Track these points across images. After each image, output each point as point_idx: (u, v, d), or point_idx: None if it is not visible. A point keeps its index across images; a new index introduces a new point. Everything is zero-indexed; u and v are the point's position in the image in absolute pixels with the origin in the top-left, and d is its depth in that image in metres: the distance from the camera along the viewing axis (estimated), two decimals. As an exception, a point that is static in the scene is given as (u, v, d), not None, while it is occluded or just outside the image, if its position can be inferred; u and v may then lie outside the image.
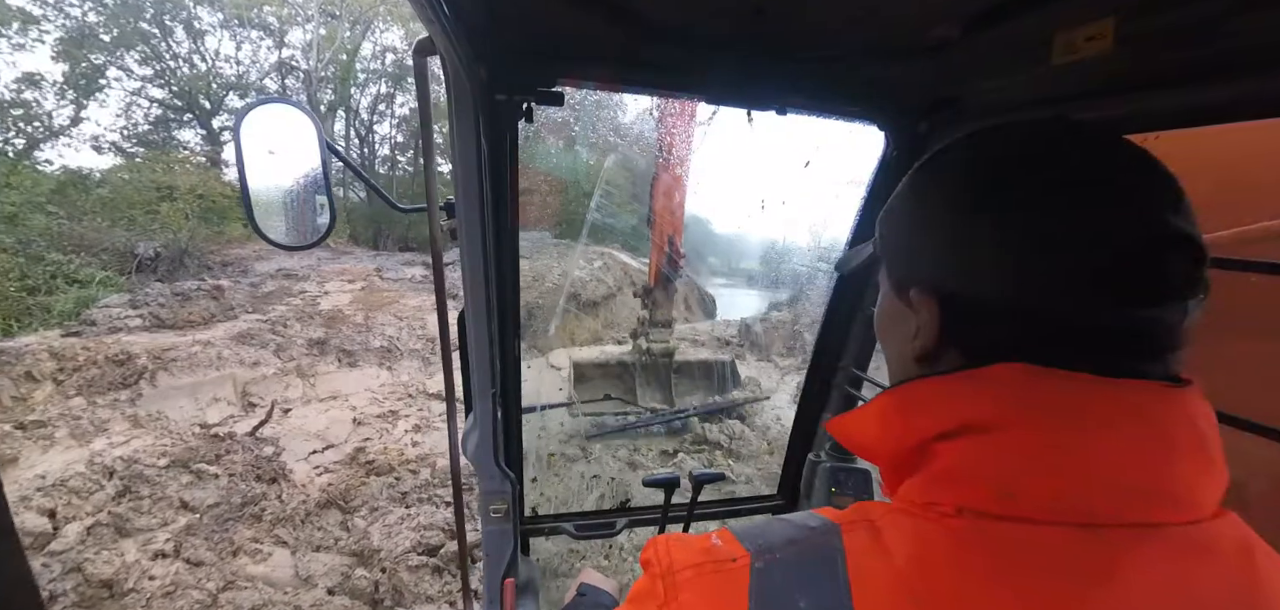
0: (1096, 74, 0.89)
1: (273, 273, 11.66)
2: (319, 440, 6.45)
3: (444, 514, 5.12)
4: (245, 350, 8.30)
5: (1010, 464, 0.44)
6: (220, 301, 9.80)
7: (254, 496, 5.22)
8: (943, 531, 0.45)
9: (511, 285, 1.34)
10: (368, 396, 7.72)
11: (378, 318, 10.07)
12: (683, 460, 6.63)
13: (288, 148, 1.06)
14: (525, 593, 1.59)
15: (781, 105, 1.21)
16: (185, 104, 17.34)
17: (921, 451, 0.50)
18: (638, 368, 7.52)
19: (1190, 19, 0.74)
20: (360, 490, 5.48)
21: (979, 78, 1.10)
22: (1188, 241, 0.45)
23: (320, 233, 1.17)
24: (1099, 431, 0.43)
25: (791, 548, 0.49)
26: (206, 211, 13.28)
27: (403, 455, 6.21)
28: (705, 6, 0.90)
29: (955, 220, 0.52)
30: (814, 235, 15.17)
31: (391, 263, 13.37)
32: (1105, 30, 0.77)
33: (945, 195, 0.55)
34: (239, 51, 18.88)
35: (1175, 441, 0.44)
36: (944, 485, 0.47)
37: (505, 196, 1.18)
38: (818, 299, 13.53)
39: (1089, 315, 0.46)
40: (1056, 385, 0.45)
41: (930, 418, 0.50)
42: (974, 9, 0.85)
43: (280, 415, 7.04)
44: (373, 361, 8.82)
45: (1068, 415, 0.44)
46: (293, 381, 7.91)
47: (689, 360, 8.12)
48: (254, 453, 5.96)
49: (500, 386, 1.38)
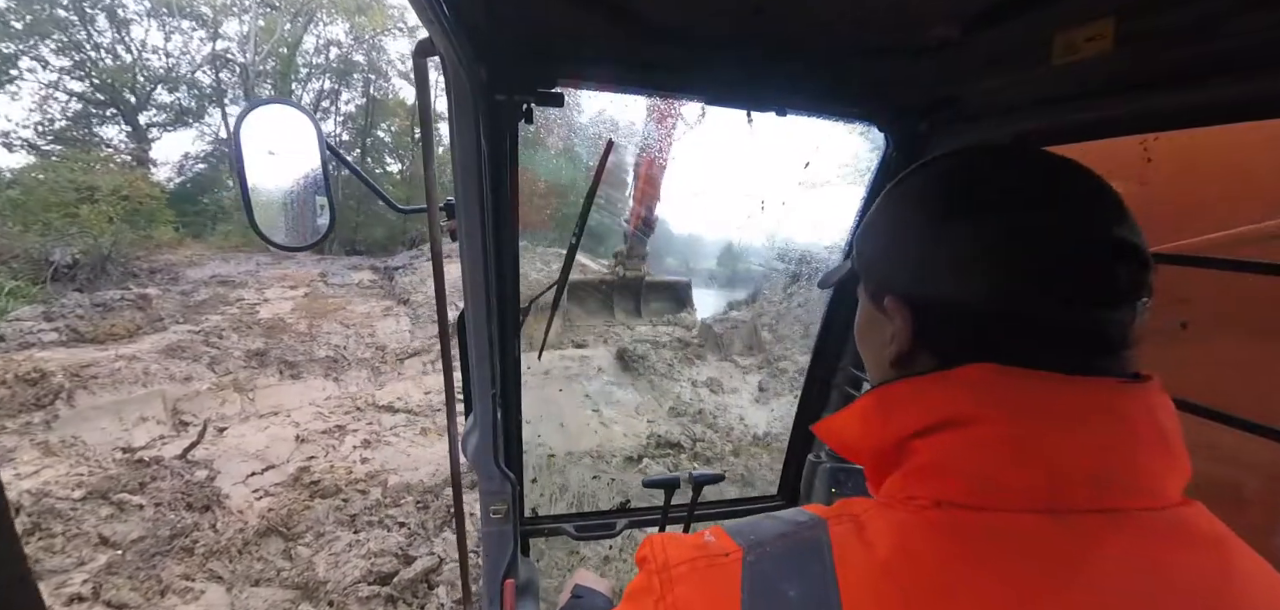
0: (1096, 74, 0.89)
1: (206, 279, 10.96)
2: (258, 461, 6.02)
3: (397, 537, 4.82)
4: (176, 364, 7.74)
5: (984, 457, 0.47)
6: (147, 312, 9.13)
7: (184, 527, 4.79)
8: (922, 522, 0.47)
9: (511, 285, 1.33)
10: (312, 411, 7.28)
11: (323, 326, 9.56)
12: (682, 462, 6.85)
13: (287, 148, 1.07)
14: (525, 593, 1.60)
15: (781, 105, 1.21)
16: (108, 98, 16.27)
17: (901, 449, 0.53)
18: (615, 287, 9.60)
19: (1190, 19, 0.75)
20: (304, 515, 5.11)
21: (979, 78, 1.10)
22: (1133, 250, 0.49)
23: (320, 233, 1.18)
24: (1066, 424, 0.46)
25: (781, 541, 0.51)
26: (132, 214, 12.45)
27: (351, 474, 5.85)
28: (705, 7, 0.90)
29: (924, 233, 0.56)
30: (769, 235, 15.37)
31: (337, 267, 12.76)
32: (1105, 30, 0.77)
33: (915, 210, 0.59)
34: (168, 42, 17.84)
35: (1138, 433, 0.48)
36: (922, 479, 0.50)
37: (505, 197, 1.17)
38: (776, 297, 13.64)
39: (1047, 316, 0.49)
40: (1024, 382, 0.48)
41: (908, 416, 0.53)
42: (974, 9, 0.85)
43: (215, 434, 6.56)
44: (318, 373, 8.35)
45: (1036, 410, 0.47)
46: (229, 397, 7.40)
47: (654, 281, 10.01)
48: (184, 478, 5.50)
49: (500, 387, 1.38)
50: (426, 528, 5.05)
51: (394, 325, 10.13)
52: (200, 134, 19.09)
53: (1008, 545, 0.44)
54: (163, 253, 12.53)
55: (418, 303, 10.91)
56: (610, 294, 9.49)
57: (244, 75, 18.58)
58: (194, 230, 15.45)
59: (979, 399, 0.49)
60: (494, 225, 1.16)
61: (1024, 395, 0.48)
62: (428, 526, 5.09)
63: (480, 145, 1.01)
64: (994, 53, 0.97)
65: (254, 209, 1.08)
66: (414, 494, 5.52)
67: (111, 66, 16.39)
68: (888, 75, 1.14)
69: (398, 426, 7.07)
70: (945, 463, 0.49)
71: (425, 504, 5.39)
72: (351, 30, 20.85)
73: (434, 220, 1.16)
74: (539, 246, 11.76)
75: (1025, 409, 0.47)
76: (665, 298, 9.93)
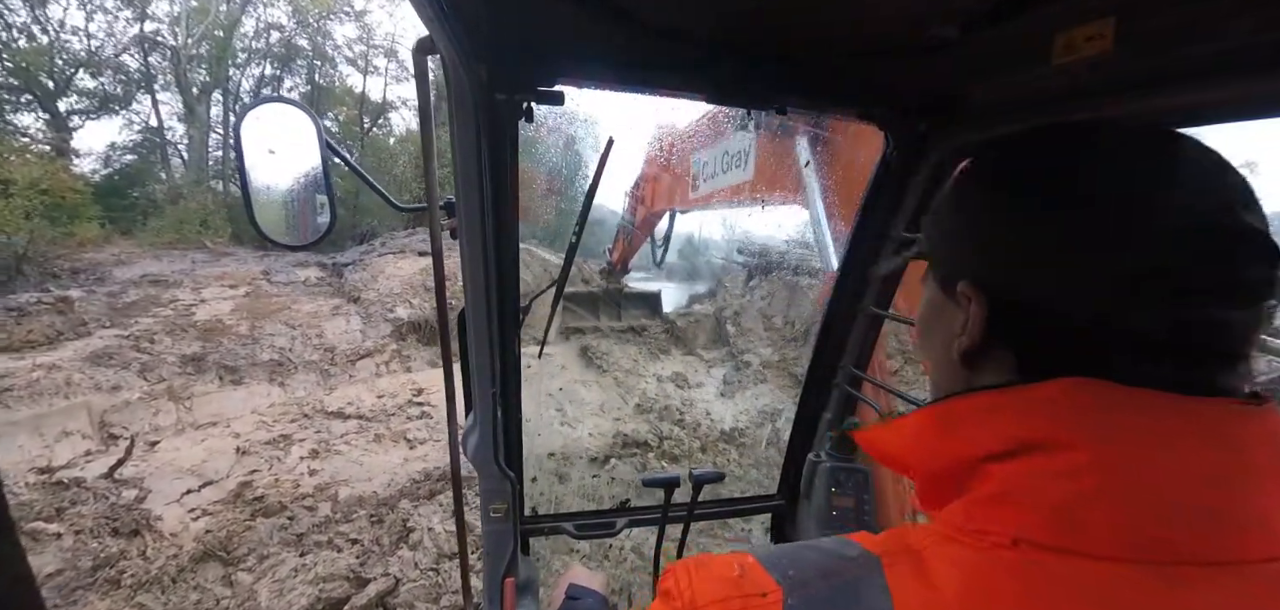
0: (1096, 74, 0.87)
1: (136, 279, 10.20)
2: (194, 476, 5.57)
3: (348, 558, 4.52)
4: (102, 373, 7.14)
5: (1070, 491, 0.40)
6: (69, 316, 8.40)
7: (109, 556, 4.37)
8: (997, 565, 0.41)
9: (512, 285, 1.33)
10: (254, 420, 6.83)
11: (266, 327, 9.00)
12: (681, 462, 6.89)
13: (288, 147, 1.08)
14: (525, 592, 1.62)
15: (781, 105, 1.20)
16: (22, 83, 14.98)
17: (969, 471, 0.46)
18: (601, 297, 11.17)
19: (1190, 19, 0.74)
20: (245, 535, 4.75)
21: (979, 78, 1.09)
22: (1262, 240, 0.42)
23: (320, 231, 1.19)
24: (1169, 455, 0.40)
25: (827, 582, 0.45)
26: (52, 209, 11.49)
27: (298, 488, 5.48)
28: (706, 6, 0.90)
29: (1009, 212, 0.50)
30: (728, 227, 15.42)
31: (281, 264, 12.02)
32: (1105, 30, 0.77)
33: (999, 188, 0.53)
34: (90, 23, 16.57)
35: (1255, 465, 0.40)
36: (996, 510, 0.43)
37: (505, 196, 1.17)
38: (737, 291, 13.64)
39: (1152, 315, 0.42)
40: (1121, 402, 0.41)
41: (978, 436, 0.47)
42: (974, 9, 0.84)
43: (145, 449, 6.06)
44: (261, 377, 7.85)
45: (1135, 437, 0.40)
46: (163, 406, 6.87)
47: (631, 292, 11.56)
48: (110, 500, 5.03)
49: (500, 386, 1.38)
50: (381, 544, 4.76)
51: (344, 325, 9.64)
52: (128, 122, 17.93)
53: (1097, 601, 0.38)
54: (87, 251, 11.62)
55: (369, 300, 10.42)
56: (596, 302, 11.22)
57: (175, 59, 17.46)
58: (123, 226, 14.40)
59: (1066, 421, 0.42)
60: (494, 224, 1.16)
61: (1122, 418, 0.41)
62: (383, 543, 4.79)
63: (480, 144, 1.01)
64: (994, 53, 0.97)
65: (255, 208, 1.10)
66: (367, 508, 5.20)
67: (26, 49, 15.17)
68: (887, 75, 1.14)
69: (349, 434, 6.69)
70: (1023, 494, 0.42)
71: (380, 518, 5.09)
72: (295, 13, 19.88)
73: (434, 219, 1.15)
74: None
75: (1123, 435, 0.41)
76: (641, 306, 11.61)
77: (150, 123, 18.05)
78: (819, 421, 1.81)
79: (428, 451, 6.39)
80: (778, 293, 12.39)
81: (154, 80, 17.80)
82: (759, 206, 4.62)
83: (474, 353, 1.31)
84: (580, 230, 1.56)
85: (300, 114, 1.08)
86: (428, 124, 1.08)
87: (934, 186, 1.36)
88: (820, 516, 1.72)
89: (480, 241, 1.13)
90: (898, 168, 1.38)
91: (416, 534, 4.87)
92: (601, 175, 1.43)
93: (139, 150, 18.12)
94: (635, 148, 8.35)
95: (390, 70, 22.38)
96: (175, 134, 18.90)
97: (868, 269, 1.54)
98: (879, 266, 1.51)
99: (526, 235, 14.46)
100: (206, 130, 18.74)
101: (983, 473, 0.45)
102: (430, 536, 4.85)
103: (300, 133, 1.07)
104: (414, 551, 4.68)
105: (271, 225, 1.15)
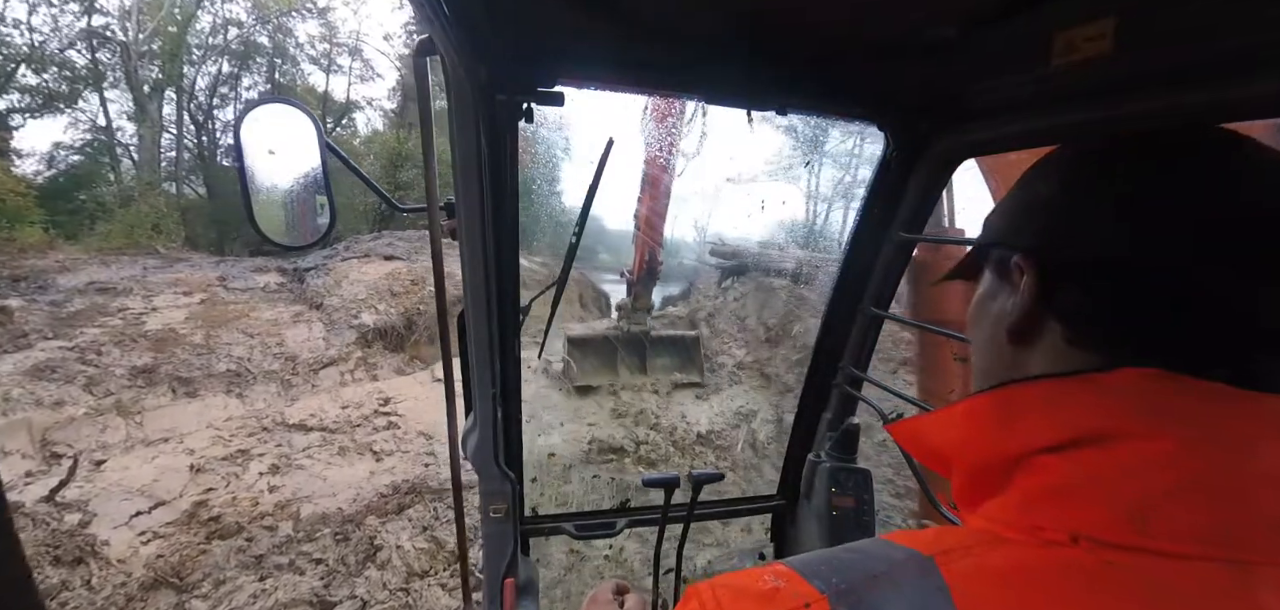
0: (1096, 74, 0.87)
1: (82, 287, 9.67)
2: (144, 497, 5.27)
3: (312, 580, 4.30)
4: (45, 387, 6.73)
5: (1140, 483, 0.38)
6: (8, 326, 7.92)
7: (49, 588, 4.08)
8: (1055, 563, 0.39)
9: (512, 285, 1.34)
10: (210, 434, 6.51)
11: (222, 336, 8.61)
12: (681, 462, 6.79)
13: (288, 148, 1.08)
14: (525, 592, 1.63)
15: (781, 105, 1.21)
16: (-43, 80, 14.13)
17: (1019, 465, 0.44)
18: (620, 341, 8.92)
19: (1190, 19, 0.74)
20: (200, 560, 4.49)
21: (979, 78, 1.10)
22: None
23: (320, 232, 1.20)
24: (1246, 450, 0.38)
25: (877, 586, 0.41)
26: (-11, 213, 10.87)
27: (257, 506, 5.22)
28: (705, 6, 0.91)
29: (1070, 185, 0.50)
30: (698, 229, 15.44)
31: (239, 269, 11.55)
32: (1105, 30, 0.77)
33: (1059, 168, 0.53)
34: (33, 16, 15.70)
35: None
36: (1051, 506, 0.41)
37: (505, 197, 1.18)
38: (709, 292, 13.63)
39: (1216, 287, 0.40)
40: (1192, 394, 0.39)
41: (1038, 426, 0.44)
42: (974, 9, 0.85)
43: (91, 468, 5.71)
44: (217, 389, 7.50)
45: (1207, 429, 0.38)
46: (110, 422, 6.50)
47: (660, 336, 9.36)
48: (51, 526, 4.71)
49: (500, 387, 1.38)
50: (347, 564, 4.55)
51: (306, 333, 9.29)
52: (74, 121, 17.01)
53: (1170, 600, 0.36)
54: (29, 257, 10.99)
55: (333, 306, 10.08)
56: (614, 350, 8.88)
57: (125, 55, 16.70)
58: (68, 231, 13.71)
59: (1134, 411, 0.40)
60: (494, 225, 1.16)
61: (1193, 409, 0.39)
62: (349, 562, 4.58)
63: (480, 145, 1.02)
64: (994, 53, 0.97)
65: (254, 209, 1.10)
66: (331, 525, 4.98)
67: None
68: (887, 75, 1.14)
69: (311, 447, 6.43)
70: (1086, 487, 0.40)
71: (345, 535, 4.87)
72: (254, 8, 19.20)
73: (434, 220, 1.15)
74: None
75: (1194, 427, 0.39)
76: (673, 352, 9.26)
77: (98, 122, 17.23)
78: (819, 421, 1.82)
79: (395, 464, 6.18)
80: (752, 294, 12.41)
81: (103, 77, 16.97)
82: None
83: (474, 353, 1.31)
84: (580, 231, 1.55)
85: (300, 114, 1.09)
86: (428, 124, 1.07)
87: (934, 186, 1.38)
88: (820, 516, 1.71)
89: (480, 242, 1.14)
90: (898, 167, 1.39)
91: (384, 552, 4.67)
92: (601, 176, 1.42)
93: (86, 151, 17.28)
94: (634, 148, 8.37)
95: (354, 70, 21.86)
96: (125, 134, 18.07)
97: (868, 269, 1.55)
98: (878, 266, 1.52)
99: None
100: (159, 130, 17.97)
101: (1035, 465, 0.43)
102: (399, 554, 4.65)
103: (300, 133, 1.08)
104: (382, 571, 4.48)
105: (271, 226, 1.15)
